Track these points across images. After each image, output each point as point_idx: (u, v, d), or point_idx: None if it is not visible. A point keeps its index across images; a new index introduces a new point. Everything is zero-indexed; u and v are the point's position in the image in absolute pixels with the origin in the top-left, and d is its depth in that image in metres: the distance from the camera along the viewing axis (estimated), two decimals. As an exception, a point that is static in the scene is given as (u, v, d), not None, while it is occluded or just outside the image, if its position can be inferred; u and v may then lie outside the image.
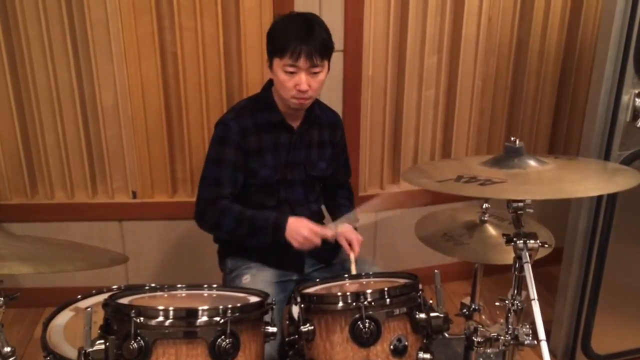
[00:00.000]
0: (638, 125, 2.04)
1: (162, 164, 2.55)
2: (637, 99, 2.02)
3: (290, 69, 1.66)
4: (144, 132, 2.48)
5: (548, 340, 2.49)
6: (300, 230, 1.67)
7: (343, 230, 1.82)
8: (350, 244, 1.77)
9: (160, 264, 2.69)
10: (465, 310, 1.56)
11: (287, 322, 1.36)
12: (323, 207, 2.05)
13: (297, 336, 1.29)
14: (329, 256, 1.89)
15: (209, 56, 2.41)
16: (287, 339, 1.35)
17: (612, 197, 2.12)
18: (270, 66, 1.74)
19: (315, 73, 1.69)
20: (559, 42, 2.80)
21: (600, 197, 2.15)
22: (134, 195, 2.59)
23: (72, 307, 1.61)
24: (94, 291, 1.63)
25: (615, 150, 2.09)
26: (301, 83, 1.66)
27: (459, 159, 2.62)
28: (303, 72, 1.66)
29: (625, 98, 2.03)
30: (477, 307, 1.55)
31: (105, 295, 1.24)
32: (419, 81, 2.66)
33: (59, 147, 2.49)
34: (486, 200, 1.55)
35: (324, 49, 1.69)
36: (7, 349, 0.93)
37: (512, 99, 2.85)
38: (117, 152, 2.52)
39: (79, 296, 1.62)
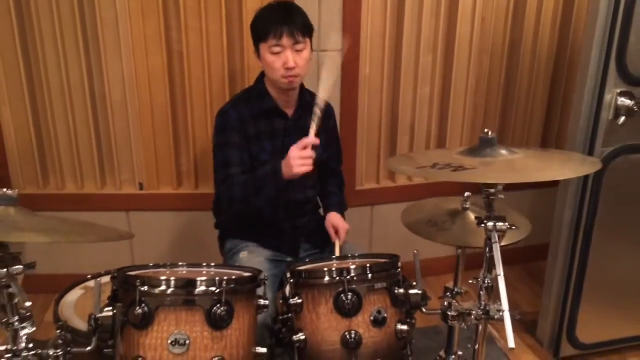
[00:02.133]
0: (619, 123, 2.13)
1: (168, 157, 2.67)
2: (619, 98, 2.11)
3: (276, 49, 1.79)
4: (150, 126, 2.60)
5: (535, 330, 2.60)
6: (289, 156, 1.72)
7: (331, 217, 1.93)
8: (336, 231, 1.88)
9: (165, 253, 2.79)
10: (448, 293, 1.65)
11: (281, 301, 1.47)
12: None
13: (289, 314, 1.39)
14: (323, 242, 2.00)
15: (213, 54, 2.52)
16: (280, 317, 1.46)
17: (595, 192, 2.21)
18: (258, 54, 1.87)
19: (299, 51, 1.81)
20: (550, 42, 2.90)
21: (584, 192, 2.23)
22: (141, 187, 2.71)
23: (81, 285, 1.73)
24: (102, 272, 1.74)
25: (599, 146, 2.17)
26: (288, 60, 1.79)
27: (440, 150, 2.72)
28: (288, 49, 1.79)
29: (607, 97, 2.11)
30: (459, 290, 1.64)
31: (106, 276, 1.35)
32: (414, 79, 2.76)
33: (70, 140, 2.61)
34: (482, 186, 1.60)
35: (304, 27, 1.82)
36: (28, 304, 1.05)
37: (505, 96, 2.95)
38: (124, 146, 2.64)
39: (89, 276, 1.74)
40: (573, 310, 2.37)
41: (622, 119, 2.12)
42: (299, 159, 1.70)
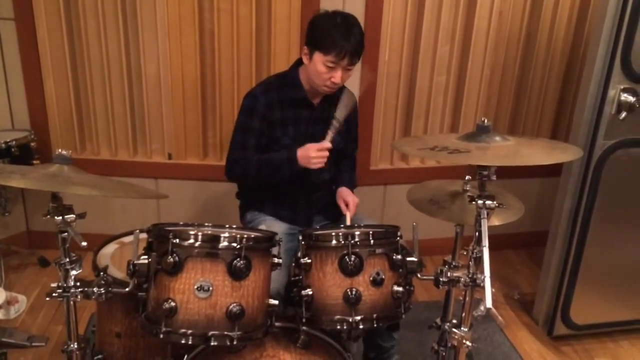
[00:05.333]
0: (621, 118, 2.25)
1: (196, 130, 2.86)
2: (622, 94, 2.22)
3: (331, 65, 1.90)
4: (181, 101, 2.79)
5: (531, 309, 2.75)
6: (308, 153, 1.93)
7: (341, 192, 2.11)
8: (347, 205, 2.05)
9: (189, 219, 2.99)
10: (446, 266, 1.81)
11: (294, 264, 1.64)
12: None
13: (299, 276, 1.57)
14: (335, 215, 2.17)
15: (242, 36, 2.69)
16: (292, 279, 1.64)
17: (595, 183, 2.33)
18: (309, 55, 1.95)
19: (349, 69, 1.95)
20: (566, 38, 3.00)
21: (584, 182, 2.35)
22: (170, 157, 2.91)
23: (117, 241, 1.93)
24: (137, 230, 1.93)
25: (600, 139, 2.29)
26: (337, 78, 1.92)
27: (442, 134, 2.87)
28: (341, 68, 1.92)
29: (611, 92, 2.23)
30: (456, 264, 1.79)
31: (144, 235, 1.53)
32: (432, 68, 2.90)
33: (106, 110, 2.82)
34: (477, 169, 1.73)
35: (362, 51, 1.95)
36: (84, 244, 1.24)
37: (518, 89, 3.07)
38: (156, 118, 2.84)
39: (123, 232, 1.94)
40: (568, 292, 2.50)
41: (624, 114, 2.23)
42: (316, 157, 1.92)
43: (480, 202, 1.42)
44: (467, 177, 1.82)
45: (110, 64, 2.72)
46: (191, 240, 1.38)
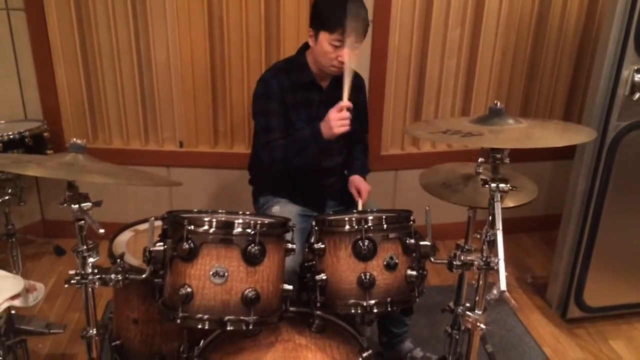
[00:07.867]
0: (635, 99, 2.22)
1: (206, 118, 2.87)
2: (636, 75, 2.20)
3: (337, 43, 1.91)
4: (191, 88, 2.80)
5: (544, 292, 2.74)
6: (329, 118, 1.90)
7: (353, 180, 2.11)
8: (359, 192, 2.05)
9: (202, 207, 2.99)
10: (460, 249, 1.81)
11: (307, 249, 1.65)
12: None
13: (313, 261, 1.58)
14: (348, 200, 2.17)
15: (251, 21, 2.68)
16: (305, 264, 1.65)
17: (608, 164, 2.32)
18: (314, 36, 1.96)
19: (355, 47, 1.94)
20: (578, 18, 2.97)
21: (597, 164, 2.34)
22: (181, 145, 2.92)
23: (131, 229, 1.95)
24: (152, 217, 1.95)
25: (614, 120, 2.27)
26: (344, 55, 1.92)
27: (453, 118, 2.85)
28: (347, 46, 1.91)
29: (625, 73, 2.20)
30: (469, 248, 1.79)
31: (159, 222, 1.54)
32: (442, 52, 2.88)
33: (118, 100, 2.83)
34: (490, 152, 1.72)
35: (366, 28, 1.95)
36: (102, 231, 1.25)
37: (530, 70, 3.04)
38: (167, 106, 2.85)
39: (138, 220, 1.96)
40: (582, 275, 2.50)
41: (638, 95, 2.21)
42: (338, 120, 1.89)
43: (493, 185, 1.41)
44: (480, 160, 1.82)
45: (120, 51, 2.73)
46: (206, 227, 1.39)
